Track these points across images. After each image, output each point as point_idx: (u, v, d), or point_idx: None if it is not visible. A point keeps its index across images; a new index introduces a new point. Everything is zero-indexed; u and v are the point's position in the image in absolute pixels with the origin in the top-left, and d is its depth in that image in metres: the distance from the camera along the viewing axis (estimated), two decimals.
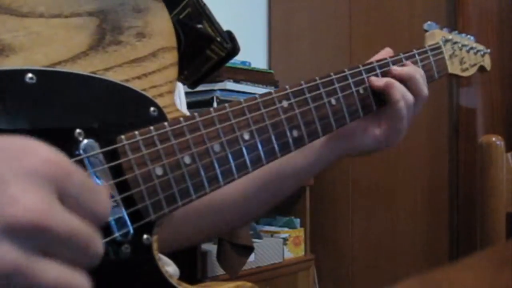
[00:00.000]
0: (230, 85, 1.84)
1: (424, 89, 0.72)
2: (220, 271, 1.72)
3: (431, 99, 0.81)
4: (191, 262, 1.69)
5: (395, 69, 0.71)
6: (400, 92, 0.68)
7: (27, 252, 0.31)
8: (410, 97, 0.70)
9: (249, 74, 1.94)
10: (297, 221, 2.10)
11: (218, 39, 0.68)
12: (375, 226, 2.10)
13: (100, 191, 0.37)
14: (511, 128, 1.90)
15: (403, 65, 0.72)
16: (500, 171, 0.96)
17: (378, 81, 0.69)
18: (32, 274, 0.31)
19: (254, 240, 1.79)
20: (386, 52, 0.75)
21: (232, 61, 2.09)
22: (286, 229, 2.06)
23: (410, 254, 2.00)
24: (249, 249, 1.70)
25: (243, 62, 2.01)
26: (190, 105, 1.84)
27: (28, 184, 0.32)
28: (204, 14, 0.67)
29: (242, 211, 0.72)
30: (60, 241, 0.33)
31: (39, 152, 0.34)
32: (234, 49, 0.70)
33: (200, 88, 1.84)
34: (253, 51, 2.40)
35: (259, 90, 1.95)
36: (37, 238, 0.32)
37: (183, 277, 0.64)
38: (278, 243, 1.96)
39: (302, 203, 2.11)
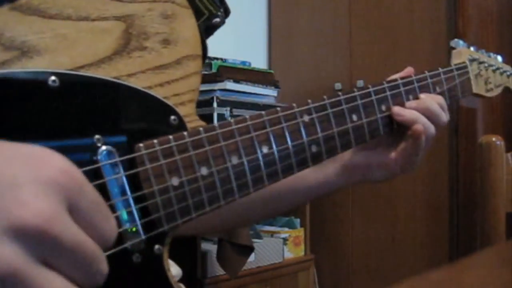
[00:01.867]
0: (230, 85, 1.84)
1: (443, 118, 0.70)
2: (220, 271, 1.71)
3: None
4: (191, 262, 1.69)
5: (410, 104, 0.68)
6: (422, 125, 0.67)
7: (29, 257, 0.31)
8: (432, 129, 0.68)
9: (249, 74, 1.94)
10: (297, 221, 2.10)
11: (219, 19, 0.66)
12: (375, 226, 2.10)
13: (109, 212, 0.36)
14: (511, 128, 1.90)
15: (416, 98, 0.70)
16: (500, 171, 0.96)
17: (401, 114, 0.66)
18: (30, 281, 0.31)
19: (254, 240, 1.79)
20: (408, 71, 0.73)
21: (232, 61, 2.10)
22: (286, 229, 2.06)
23: (410, 254, 2.00)
24: (249, 249, 1.70)
25: (243, 62, 2.01)
26: None
27: (40, 191, 0.32)
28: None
29: (245, 215, 0.71)
30: (64, 252, 0.32)
31: (56, 163, 0.33)
32: (226, 12, 0.68)
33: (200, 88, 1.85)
34: (253, 51, 2.40)
35: (259, 90, 1.95)
36: (41, 245, 0.31)
37: (183, 277, 0.64)
38: (278, 243, 1.96)
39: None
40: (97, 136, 0.42)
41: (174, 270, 0.64)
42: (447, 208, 1.92)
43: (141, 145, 0.44)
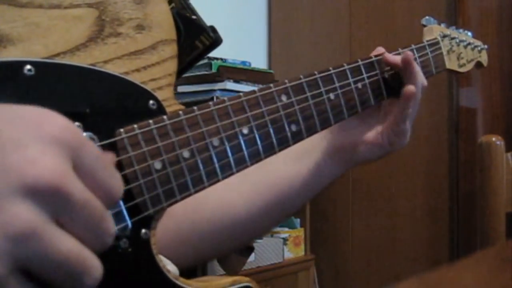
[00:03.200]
0: (230, 85, 1.84)
1: (423, 79, 0.71)
2: (220, 271, 1.71)
3: (431, 99, 0.81)
4: None
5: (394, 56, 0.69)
6: (416, 74, 0.68)
7: (44, 216, 0.31)
8: (424, 81, 0.69)
9: (249, 74, 1.94)
10: (297, 221, 2.10)
11: (206, 28, 0.68)
12: (375, 226, 2.10)
13: (113, 168, 0.36)
14: (511, 128, 1.90)
15: (398, 53, 0.71)
16: (500, 171, 0.96)
17: (394, 58, 0.68)
18: (48, 239, 0.30)
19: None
20: (379, 49, 0.75)
21: (232, 61, 2.10)
22: (286, 229, 2.06)
23: (410, 254, 2.00)
24: (249, 249, 1.70)
25: (243, 62, 2.01)
26: (190, 105, 1.83)
27: (47, 148, 0.31)
28: (188, 9, 0.68)
29: (249, 229, 0.71)
30: (75, 210, 0.32)
31: (57, 120, 0.33)
32: (217, 40, 0.70)
33: (200, 88, 1.85)
34: (253, 51, 2.40)
35: None
36: (55, 202, 0.31)
37: (183, 277, 0.64)
38: (278, 243, 1.96)
39: None
40: (76, 123, 0.42)
41: (170, 268, 0.64)
42: (447, 208, 1.92)
43: (121, 130, 0.44)
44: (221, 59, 1.93)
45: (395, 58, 0.69)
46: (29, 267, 0.31)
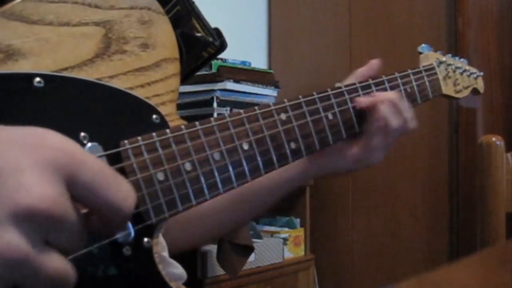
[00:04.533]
0: (230, 85, 1.84)
1: (407, 113, 0.72)
2: (220, 271, 1.71)
3: (431, 99, 0.81)
4: (191, 262, 1.69)
5: (377, 94, 0.71)
6: (382, 111, 0.69)
7: (35, 241, 0.32)
8: (394, 120, 0.70)
9: (249, 74, 1.94)
10: (297, 221, 2.10)
11: (211, 39, 0.70)
12: (375, 226, 2.10)
13: (119, 178, 0.37)
14: (511, 128, 1.90)
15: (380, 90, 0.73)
16: (500, 171, 0.96)
17: (365, 101, 0.69)
18: (39, 263, 0.32)
19: (254, 240, 1.79)
20: (374, 64, 0.76)
21: (232, 61, 2.10)
22: (286, 229, 2.06)
23: (410, 254, 2.00)
24: (249, 249, 1.70)
25: (243, 62, 2.01)
26: (190, 105, 1.83)
27: (40, 174, 0.33)
28: (193, 12, 0.70)
29: (217, 223, 0.74)
30: (63, 230, 0.34)
31: (51, 142, 0.35)
32: (222, 46, 0.73)
33: (200, 88, 1.85)
34: (253, 51, 2.40)
35: (259, 90, 1.94)
36: (46, 226, 0.32)
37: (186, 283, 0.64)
38: (278, 243, 1.96)
39: (302, 203, 2.11)
40: (82, 134, 0.44)
41: (178, 271, 0.64)
42: (447, 208, 1.92)
43: (125, 141, 0.46)
44: (221, 59, 1.93)
45: (365, 103, 0.69)
46: (20, 286, 0.33)
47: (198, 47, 0.70)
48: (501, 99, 1.91)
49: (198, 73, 1.85)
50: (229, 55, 1.95)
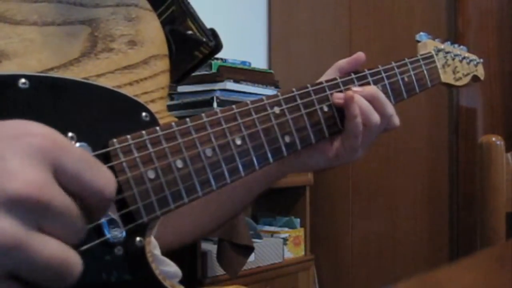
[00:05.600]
0: (230, 85, 1.84)
1: (387, 109, 0.69)
2: (220, 271, 1.71)
3: (431, 99, 0.81)
4: (191, 262, 1.69)
5: (356, 90, 0.68)
6: (359, 107, 0.66)
7: (27, 226, 0.32)
8: (373, 116, 0.67)
9: (249, 74, 1.94)
10: (297, 221, 2.10)
11: (204, 39, 0.69)
12: (375, 226, 2.10)
13: (100, 165, 0.37)
14: (511, 128, 1.89)
15: (362, 85, 0.70)
16: (500, 171, 0.96)
17: (340, 98, 0.66)
18: (32, 249, 0.32)
19: (254, 240, 1.79)
20: (357, 56, 0.74)
21: (232, 61, 2.10)
22: (286, 229, 2.06)
23: (410, 254, 2.00)
24: (249, 249, 1.70)
25: (243, 62, 2.01)
26: (190, 105, 1.83)
27: (26, 160, 0.33)
28: (188, 13, 0.68)
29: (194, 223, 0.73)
30: (55, 216, 0.33)
31: (35, 130, 0.35)
32: (217, 46, 0.71)
33: (200, 88, 1.85)
34: (253, 51, 2.40)
35: (259, 90, 1.94)
36: (35, 212, 0.32)
37: (183, 277, 0.64)
38: (278, 243, 1.96)
39: (302, 203, 2.11)
40: (70, 134, 0.43)
41: (172, 270, 0.64)
42: (447, 208, 1.92)
43: (114, 140, 0.45)
44: (221, 59, 1.93)
45: (340, 100, 0.67)
46: (17, 273, 0.33)
47: (189, 45, 0.68)
48: (501, 99, 1.91)
49: (198, 73, 1.85)
50: (229, 55, 1.95)
